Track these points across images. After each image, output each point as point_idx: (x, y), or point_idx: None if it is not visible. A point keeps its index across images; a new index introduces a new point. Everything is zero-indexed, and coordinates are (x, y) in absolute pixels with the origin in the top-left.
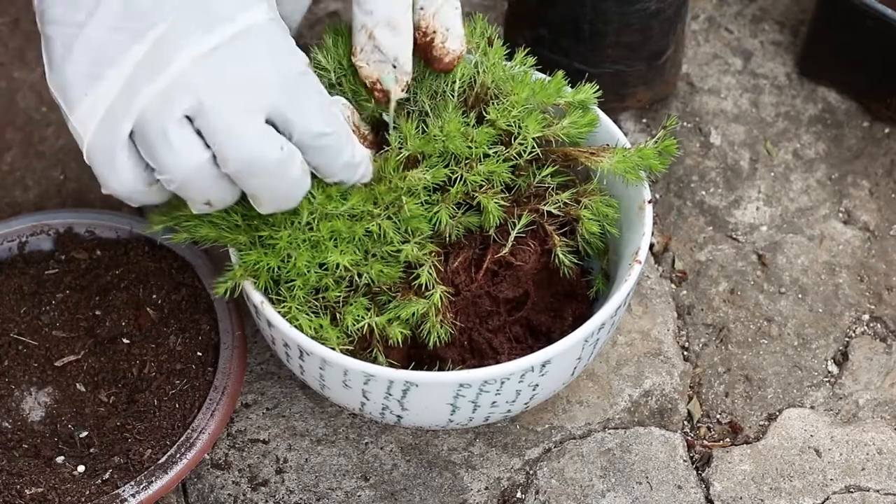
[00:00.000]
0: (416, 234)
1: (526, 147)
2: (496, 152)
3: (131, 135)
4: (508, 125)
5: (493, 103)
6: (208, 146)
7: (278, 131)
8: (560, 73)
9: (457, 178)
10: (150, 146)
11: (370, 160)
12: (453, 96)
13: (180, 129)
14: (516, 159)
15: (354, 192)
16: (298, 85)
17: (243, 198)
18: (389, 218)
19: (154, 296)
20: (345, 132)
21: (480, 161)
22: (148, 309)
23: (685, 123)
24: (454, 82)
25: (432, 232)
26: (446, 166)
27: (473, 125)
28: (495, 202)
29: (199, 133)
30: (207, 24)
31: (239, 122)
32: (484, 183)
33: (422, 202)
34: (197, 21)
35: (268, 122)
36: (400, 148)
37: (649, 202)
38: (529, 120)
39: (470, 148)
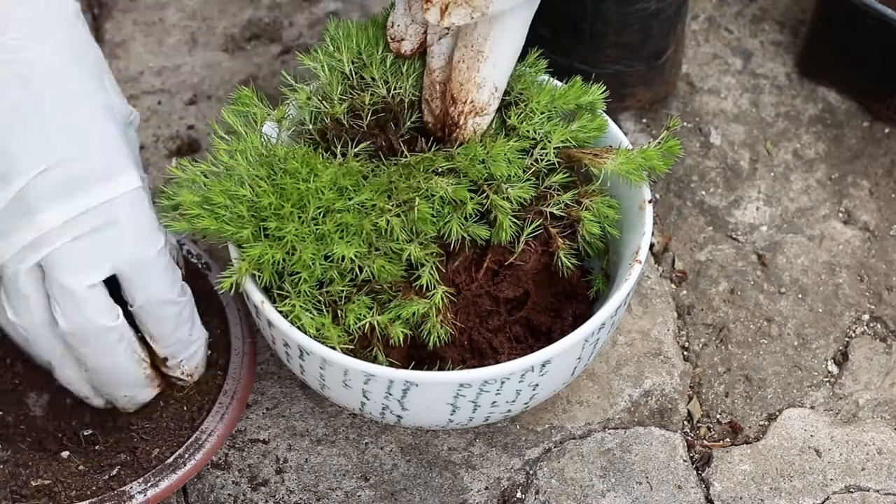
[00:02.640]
0: (421, 235)
1: (546, 155)
2: (523, 169)
3: None
4: (528, 132)
5: (512, 108)
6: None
7: (123, 298)
8: (578, 79)
9: (477, 190)
10: (7, 291)
11: (204, 353)
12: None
13: (30, 282)
14: (535, 166)
15: (367, 185)
16: (153, 260)
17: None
18: (398, 216)
19: None
20: (189, 308)
21: (510, 183)
22: None
23: (685, 123)
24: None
25: (436, 234)
26: (472, 182)
27: (497, 131)
28: (510, 219)
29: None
30: (78, 187)
31: (80, 289)
32: (504, 203)
33: (434, 206)
34: (64, 183)
35: (114, 281)
36: (437, 152)
37: (649, 202)
38: (556, 133)
39: (509, 169)
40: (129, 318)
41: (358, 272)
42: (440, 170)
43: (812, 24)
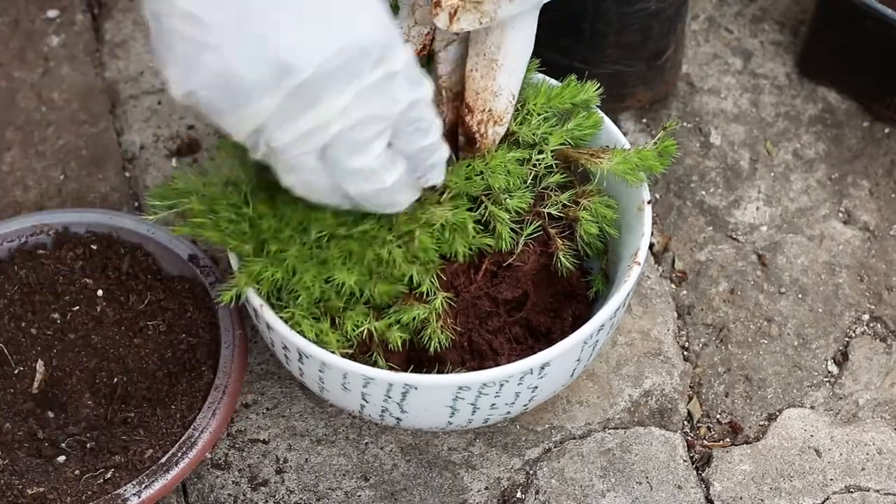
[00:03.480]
0: (424, 260)
1: (544, 160)
2: (522, 179)
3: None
4: (528, 137)
5: None
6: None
7: None
8: (572, 77)
9: (477, 203)
10: (285, 167)
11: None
12: None
13: (312, 161)
14: (533, 170)
15: (369, 216)
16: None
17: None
18: (400, 247)
19: (155, 295)
20: (437, 138)
21: (509, 195)
22: (148, 309)
23: (685, 123)
24: None
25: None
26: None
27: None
28: (509, 228)
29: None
30: (354, 73)
31: (366, 164)
32: (503, 214)
33: (435, 234)
34: (341, 70)
35: None
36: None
37: (648, 202)
38: (554, 135)
39: (508, 180)
40: None
41: (358, 295)
42: (435, 201)
43: (812, 24)
